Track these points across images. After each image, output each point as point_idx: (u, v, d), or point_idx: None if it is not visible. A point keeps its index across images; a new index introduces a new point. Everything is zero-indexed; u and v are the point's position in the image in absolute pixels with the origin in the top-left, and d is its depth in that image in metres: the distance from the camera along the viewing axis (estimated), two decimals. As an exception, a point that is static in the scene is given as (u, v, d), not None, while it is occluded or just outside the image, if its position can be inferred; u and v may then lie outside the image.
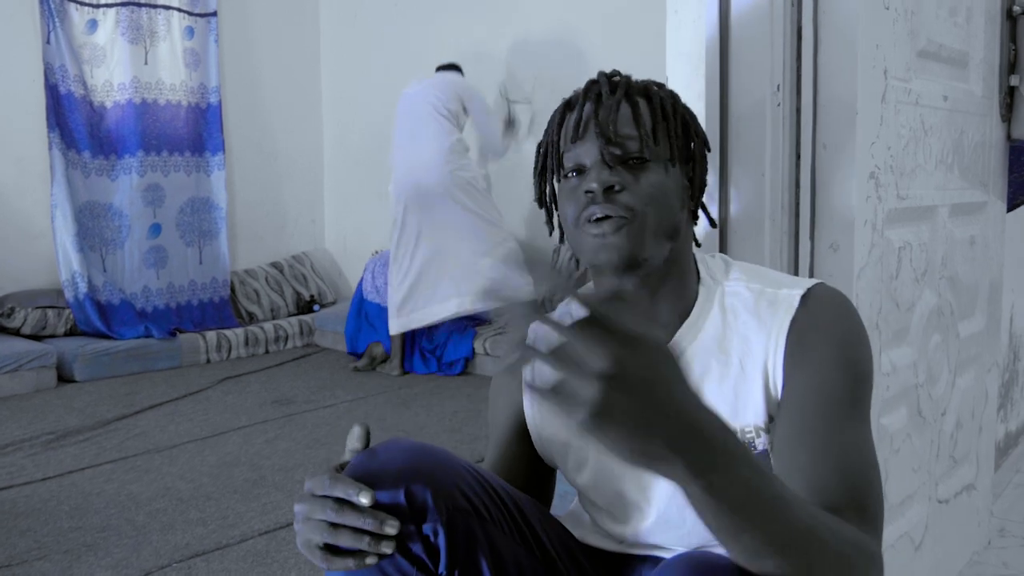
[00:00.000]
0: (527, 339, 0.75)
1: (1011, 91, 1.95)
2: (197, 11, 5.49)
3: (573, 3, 4.83)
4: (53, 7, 4.87)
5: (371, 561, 0.98)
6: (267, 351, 5.35)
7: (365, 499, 0.96)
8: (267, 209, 6.10)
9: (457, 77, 4.63)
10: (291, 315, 5.77)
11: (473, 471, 1.08)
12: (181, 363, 4.97)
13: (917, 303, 1.62)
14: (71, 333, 4.87)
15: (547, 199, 1.21)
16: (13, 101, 4.86)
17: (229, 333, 5.24)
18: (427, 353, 4.74)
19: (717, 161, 1.43)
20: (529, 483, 1.24)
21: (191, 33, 5.48)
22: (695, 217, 1.19)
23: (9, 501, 2.88)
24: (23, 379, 4.36)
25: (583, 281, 1.06)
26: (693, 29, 1.46)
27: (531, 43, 5.00)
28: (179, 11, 5.40)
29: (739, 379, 1.08)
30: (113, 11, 5.14)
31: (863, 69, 1.37)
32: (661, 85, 1.18)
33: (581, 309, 0.71)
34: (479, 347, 4.68)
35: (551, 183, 1.20)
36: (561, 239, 1.21)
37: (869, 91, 1.39)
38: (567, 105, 1.17)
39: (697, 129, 1.18)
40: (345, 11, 6.11)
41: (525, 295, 0.75)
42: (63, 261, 4.93)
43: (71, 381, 4.55)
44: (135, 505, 2.85)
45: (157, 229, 5.36)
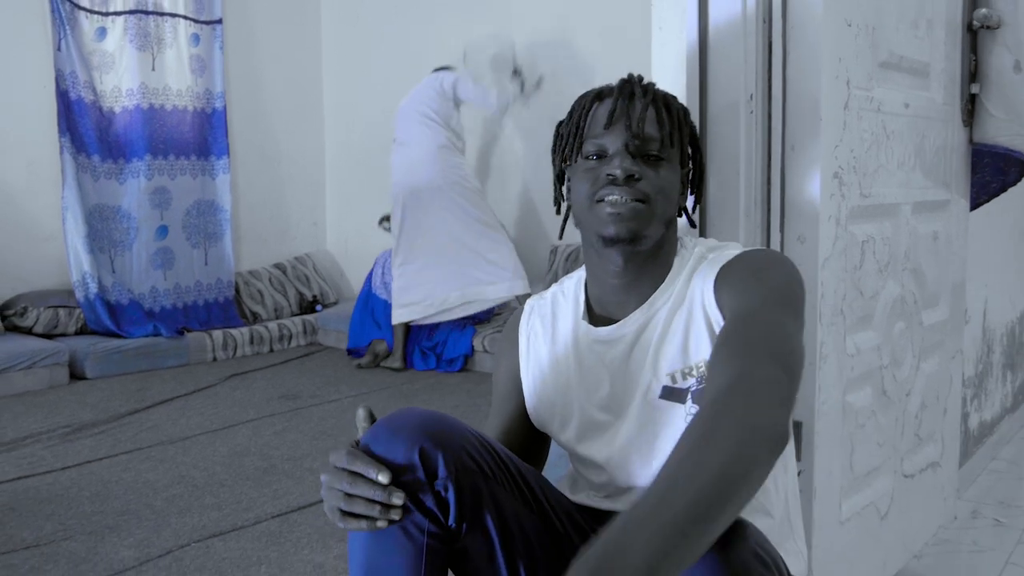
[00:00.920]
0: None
1: (972, 98, 2.11)
2: (203, 19, 5.64)
3: (573, 4, 4.98)
4: (64, 15, 5.02)
5: (381, 524, 1.13)
6: (271, 349, 5.50)
7: (383, 478, 1.10)
8: (270, 212, 6.24)
9: (439, 73, 4.81)
10: (294, 315, 5.91)
11: (478, 436, 1.22)
12: (189, 361, 5.11)
13: (881, 292, 1.78)
14: (82, 332, 5.01)
15: (560, 175, 1.37)
16: (25, 107, 5.00)
17: (235, 332, 5.39)
18: (427, 351, 4.89)
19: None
20: (524, 445, 1.40)
21: (197, 40, 5.63)
22: (683, 211, 1.36)
23: (32, 488, 3.02)
24: (37, 376, 4.51)
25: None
26: (675, 44, 1.62)
27: (531, 44, 5.14)
28: (185, 19, 5.55)
29: (689, 324, 1.25)
30: (121, 19, 5.28)
31: (826, 80, 1.53)
32: (675, 98, 1.34)
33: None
34: (478, 344, 4.83)
35: (565, 164, 1.35)
36: (564, 217, 1.37)
37: (832, 99, 1.55)
38: (598, 95, 1.32)
39: (698, 145, 1.35)
40: (346, 18, 6.25)
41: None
42: (74, 262, 5.07)
43: (83, 378, 4.69)
44: (152, 491, 2.99)
45: (164, 231, 5.50)
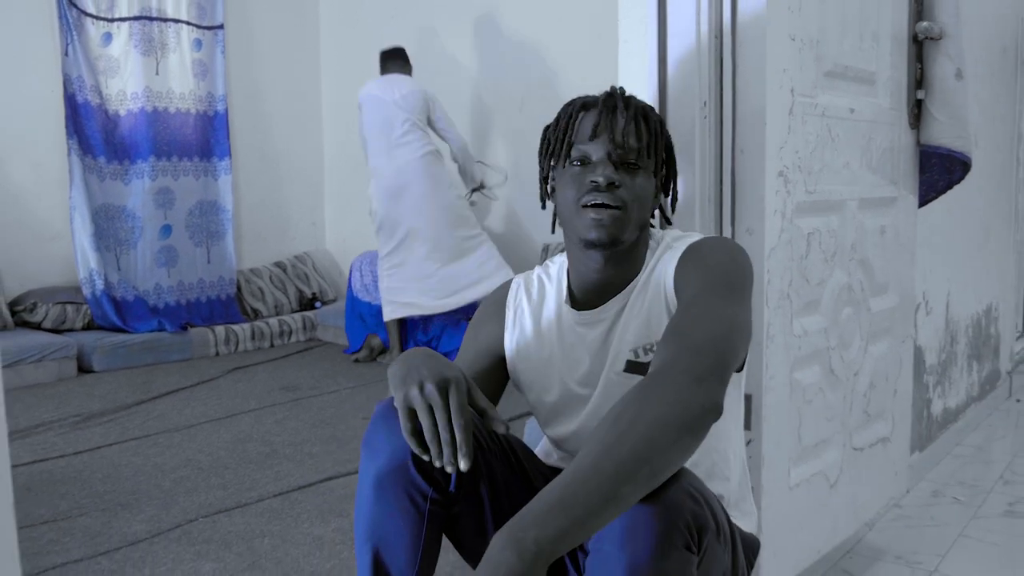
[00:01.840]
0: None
1: (918, 103, 2.30)
2: (205, 24, 5.79)
3: (563, 12, 5.14)
4: (71, 21, 5.18)
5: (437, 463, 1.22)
6: (272, 344, 5.68)
7: (464, 465, 1.18)
8: (271, 211, 6.40)
9: (417, 86, 4.92)
10: (294, 311, 6.08)
11: (476, 416, 1.35)
12: (192, 355, 5.29)
13: (828, 280, 1.96)
14: (88, 327, 5.18)
15: (546, 176, 1.51)
16: (33, 110, 5.16)
17: (236, 328, 5.57)
18: (421, 345, 5.07)
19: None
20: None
21: (199, 45, 5.79)
22: (661, 210, 1.53)
23: (47, 471, 3.20)
24: (46, 369, 4.69)
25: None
26: (639, 57, 1.80)
27: (533, 42, 5.30)
28: (188, 24, 5.70)
29: (652, 306, 1.41)
30: (127, 25, 5.45)
31: (771, 88, 1.71)
32: (653, 109, 1.48)
33: None
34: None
35: (551, 166, 1.49)
36: (554, 216, 1.52)
37: (777, 106, 1.73)
38: (583, 106, 1.44)
39: (672, 154, 1.49)
40: (344, 24, 6.40)
41: None
42: (81, 260, 5.24)
43: (90, 371, 4.87)
44: (161, 473, 3.17)
45: (168, 230, 5.67)
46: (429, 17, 5.75)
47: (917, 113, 2.29)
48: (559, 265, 1.56)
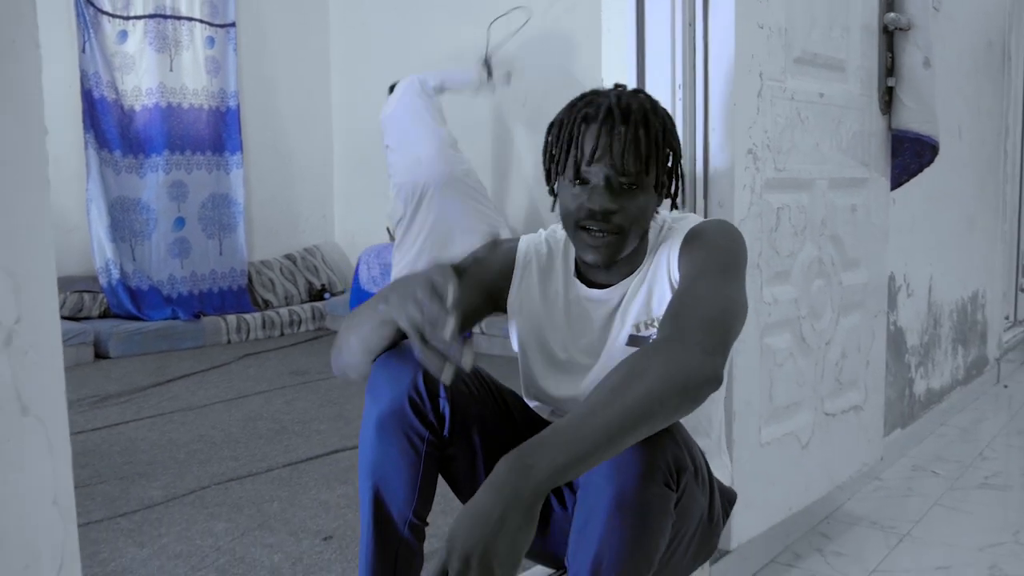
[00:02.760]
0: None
1: (889, 90, 2.43)
2: (217, 22, 5.95)
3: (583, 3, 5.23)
4: (88, 19, 5.35)
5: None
6: (282, 333, 5.84)
7: (467, 363, 1.18)
8: (281, 205, 6.54)
9: (410, 79, 5.00)
10: (303, 302, 6.24)
11: (473, 371, 1.47)
12: (204, 343, 5.45)
13: (799, 253, 2.10)
14: (105, 315, 5.35)
15: (552, 181, 1.55)
16: (50, 105, 5.23)
17: (248, 317, 5.73)
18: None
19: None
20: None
21: (212, 43, 5.95)
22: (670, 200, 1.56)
23: (67, 445, 3.36)
24: (64, 354, 4.67)
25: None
26: (619, 44, 1.95)
27: (538, 41, 5.41)
28: (201, 22, 5.87)
29: (655, 282, 1.51)
30: (142, 23, 5.61)
31: (739, 73, 1.85)
32: (654, 107, 1.47)
33: None
34: (476, 327, 5.12)
35: (556, 173, 1.49)
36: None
37: (746, 88, 1.87)
38: (585, 118, 1.43)
39: (676, 148, 1.49)
40: (354, 22, 6.53)
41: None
42: (97, 250, 5.41)
43: (106, 357, 5.04)
44: (175, 447, 3.33)
45: (181, 222, 5.83)
46: (439, 10, 5.85)
47: (888, 100, 2.43)
48: (567, 239, 1.60)
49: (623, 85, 1.52)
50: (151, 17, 5.64)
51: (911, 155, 2.50)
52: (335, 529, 2.49)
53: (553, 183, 1.53)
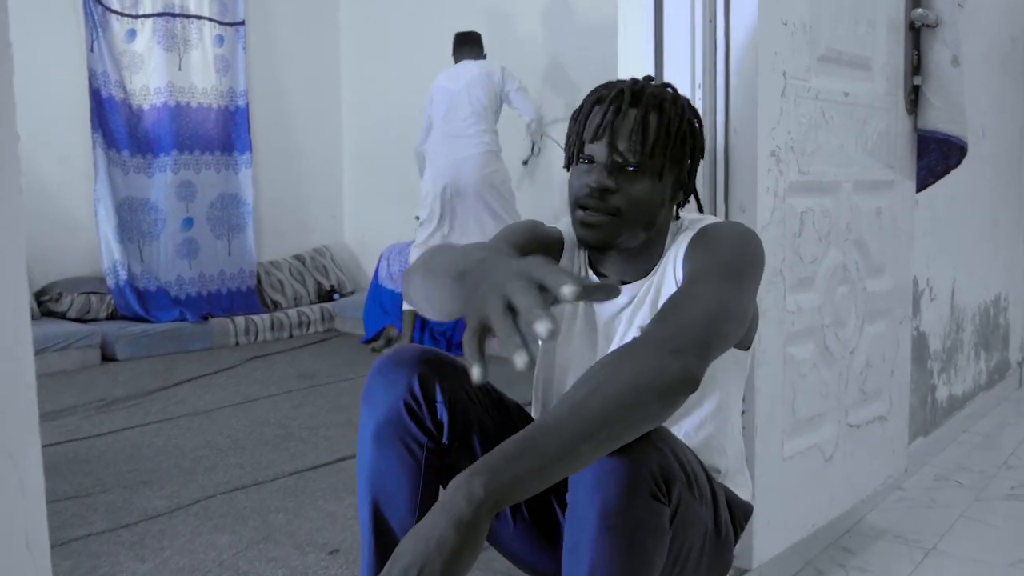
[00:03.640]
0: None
1: (915, 89, 2.35)
2: (226, 21, 5.90)
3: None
4: (96, 18, 5.29)
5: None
6: (291, 335, 5.78)
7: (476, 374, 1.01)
8: (290, 205, 6.49)
9: (485, 68, 4.84)
10: (313, 303, 6.18)
11: (466, 368, 1.43)
12: (212, 345, 5.39)
13: (822, 259, 2.02)
14: (112, 317, 5.29)
15: (569, 166, 1.51)
16: (60, 105, 5.27)
17: (256, 318, 5.67)
18: (437, 335, 5.15)
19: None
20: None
21: (221, 41, 5.89)
22: (681, 205, 1.50)
23: (71, 451, 3.30)
24: (71, 357, 4.80)
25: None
26: (637, 42, 1.87)
27: (543, 40, 5.35)
28: (210, 21, 5.81)
29: (662, 283, 1.44)
30: (150, 21, 5.56)
31: (763, 71, 1.77)
32: (675, 98, 1.43)
33: None
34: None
35: (570, 157, 1.47)
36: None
37: (769, 88, 1.79)
38: (598, 100, 1.43)
39: (695, 143, 1.45)
40: (364, 20, 6.49)
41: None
42: (105, 251, 5.36)
43: (113, 359, 4.98)
44: (181, 454, 3.27)
45: (189, 223, 5.78)
46: (451, 9, 5.79)
47: (914, 99, 2.34)
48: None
49: (652, 77, 1.48)
50: (160, 16, 5.59)
51: (937, 156, 2.41)
52: (341, 542, 2.42)
53: (570, 169, 1.50)
